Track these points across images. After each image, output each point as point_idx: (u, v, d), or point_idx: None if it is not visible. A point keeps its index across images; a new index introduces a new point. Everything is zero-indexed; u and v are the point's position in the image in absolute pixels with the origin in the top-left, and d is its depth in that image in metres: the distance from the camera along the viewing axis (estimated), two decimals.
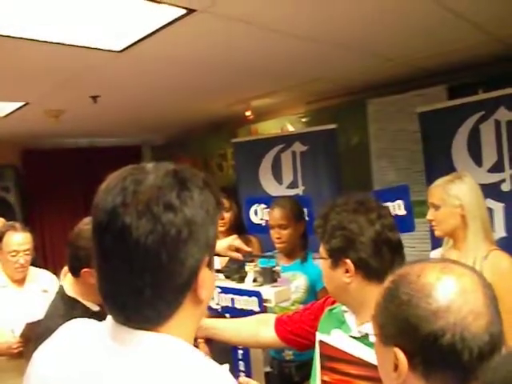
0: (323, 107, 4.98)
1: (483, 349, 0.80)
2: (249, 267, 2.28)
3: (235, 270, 2.34)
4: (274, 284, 2.17)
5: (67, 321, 0.92)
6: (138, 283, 0.78)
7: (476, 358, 0.80)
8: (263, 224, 3.55)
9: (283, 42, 2.91)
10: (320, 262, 1.52)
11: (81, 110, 4.30)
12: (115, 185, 0.81)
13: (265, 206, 3.59)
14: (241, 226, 3.50)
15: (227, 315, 2.20)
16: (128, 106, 4.44)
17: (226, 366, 0.90)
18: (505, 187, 3.42)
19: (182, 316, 0.83)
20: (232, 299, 2.24)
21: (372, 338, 1.33)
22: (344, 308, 1.54)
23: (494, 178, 3.45)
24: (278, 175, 4.72)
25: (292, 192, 4.58)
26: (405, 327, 0.84)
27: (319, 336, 1.21)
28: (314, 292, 2.80)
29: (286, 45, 2.97)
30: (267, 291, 2.11)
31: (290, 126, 5.45)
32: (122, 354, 0.80)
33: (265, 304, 2.10)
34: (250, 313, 2.11)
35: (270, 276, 2.18)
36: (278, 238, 2.90)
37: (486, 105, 3.51)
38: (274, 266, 2.25)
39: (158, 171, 0.82)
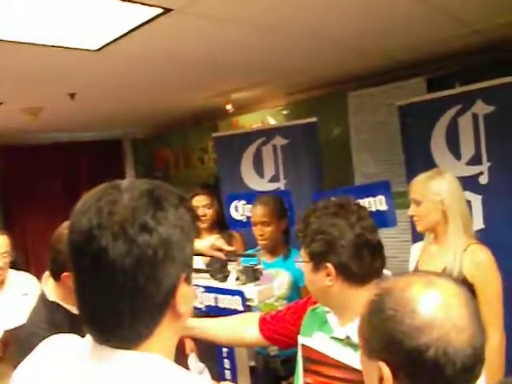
0: (303, 99, 4.99)
1: (466, 362, 0.81)
2: (231, 266, 2.29)
3: (218, 269, 2.34)
4: (257, 282, 2.18)
5: (50, 325, 0.92)
6: (115, 305, 0.79)
7: (459, 372, 0.81)
8: (244, 220, 3.56)
9: (261, 37, 2.91)
10: (302, 265, 1.53)
11: (59, 107, 4.25)
12: (90, 205, 0.81)
13: (245, 201, 3.60)
14: (223, 222, 3.52)
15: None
16: (106, 102, 4.40)
17: (208, 378, 0.91)
18: (483, 180, 3.46)
19: (162, 333, 0.84)
20: (215, 298, 2.25)
21: (353, 340, 1.36)
22: (326, 308, 1.56)
23: (472, 170, 3.49)
24: (259, 169, 4.72)
25: (274, 186, 4.59)
26: (389, 342, 0.85)
27: (301, 339, 1.23)
28: (298, 288, 2.82)
29: (264, 39, 2.96)
30: (250, 290, 2.12)
31: (270, 118, 5.45)
32: (100, 373, 0.80)
33: (248, 303, 2.11)
34: (234, 312, 2.11)
35: (253, 274, 2.19)
36: (261, 235, 2.92)
37: (463, 98, 3.54)
38: (256, 265, 2.26)
39: (134, 191, 0.82)
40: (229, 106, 4.82)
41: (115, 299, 0.78)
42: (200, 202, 3.36)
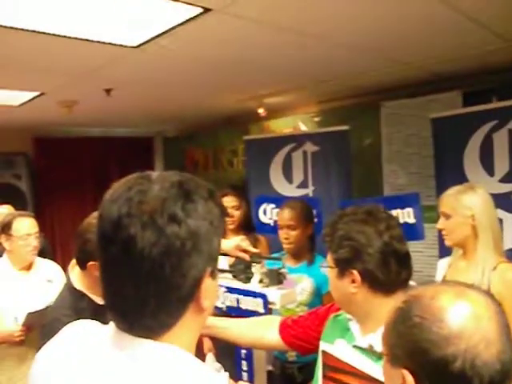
0: (336, 107, 4.96)
1: (494, 377, 0.79)
2: (255, 268, 2.28)
3: (242, 270, 2.34)
4: (280, 286, 2.17)
5: (74, 312, 0.93)
6: (140, 294, 0.79)
7: None
8: (272, 224, 3.55)
9: (297, 42, 2.90)
10: (327, 271, 1.52)
11: (94, 102, 4.32)
12: (120, 194, 0.81)
13: (274, 205, 3.59)
14: (250, 225, 3.51)
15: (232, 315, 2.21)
16: (141, 99, 4.46)
17: (226, 375, 0.91)
18: None
19: (184, 325, 0.84)
20: (237, 299, 2.24)
21: (376, 349, 1.34)
22: (349, 316, 1.54)
23: (505, 188, 3.42)
24: (288, 174, 4.71)
25: (302, 192, 4.58)
26: (415, 350, 0.83)
27: (323, 346, 1.21)
28: (320, 295, 2.80)
29: (300, 44, 2.96)
30: (273, 293, 2.11)
31: (302, 124, 5.44)
32: (121, 361, 0.81)
33: (270, 306, 2.10)
34: (255, 314, 2.11)
35: (276, 278, 2.18)
36: (286, 239, 2.91)
37: (499, 113, 3.48)
38: (281, 268, 2.25)
39: (164, 182, 0.82)
40: (261, 110, 4.83)
41: (140, 288, 0.79)
42: (229, 202, 3.37)
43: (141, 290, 0.79)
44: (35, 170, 6.13)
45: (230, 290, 2.29)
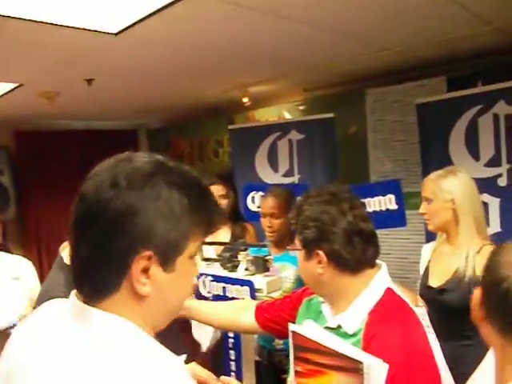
0: (321, 95, 4.94)
1: None
2: (241, 256, 2.27)
3: (228, 258, 2.33)
4: (266, 273, 2.16)
5: (69, 288, 0.96)
6: (83, 251, 0.83)
7: None
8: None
9: (281, 27, 2.86)
10: (297, 254, 1.53)
11: (76, 93, 4.24)
12: (98, 173, 0.86)
13: (262, 193, 3.57)
14: (238, 214, 3.48)
15: None
16: (124, 90, 4.39)
17: (183, 357, 0.90)
18: (501, 182, 3.40)
19: (120, 305, 0.83)
20: (224, 288, 2.24)
21: (344, 328, 1.36)
22: (321, 299, 1.56)
23: (490, 172, 3.43)
24: (273, 163, 4.69)
25: (288, 180, 4.56)
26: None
27: (291, 327, 1.21)
28: (303, 283, 2.78)
29: (284, 30, 2.92)
30: (259, 281, 2.11)
31: (287, 113, 5.42)
32: (68, 327, 0.83)
33: (257, 294, 2.09)
34: None
35: (262, 265, 2.18)
36: (270, 227, 2.88)
37: (484, 98, 3.48)
38: (267, 255, 2.24)
39: (143, 158, 0.88)
40: (246, 99, 4.79)
41: (82, 244, 0.83)
42: (216, 191, 3.33)
43: (83, 248, 0.83)
44: (17, 164, 6.02)
45: (216, 279, 2.28)
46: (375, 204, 2.97)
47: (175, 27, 2.76)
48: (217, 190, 3.36)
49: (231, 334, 2.31)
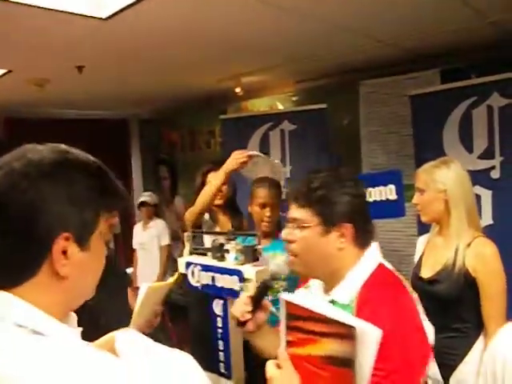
0: (314, 87, 4.91)
1: None
2: (230, 246, 2.24)
3: (217, 248, 2.30)
4: (255, 263, 2.14)
5: None
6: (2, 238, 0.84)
7: None
8: None
9: (274, 17, 2.84)
10: (298, 233, 1.46)
11: (66, 81, 4.19)
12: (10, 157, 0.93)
13: None
14: (234, 205, 3.42)
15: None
16: (114, 78, 4.34)
17: (78, 330, 0.94)
18: (494, 174, 3.39)
19: (40, 287, 0.85)
20: (213, 277, 2.21)
21: (339, 301, 1.37)
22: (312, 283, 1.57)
23: (483, 164, 3.42)
24: (265, 154, 4.64)
25: None
26: None
27: (284, 295, 1.17)
28: (294, 280, 2.73)
29: (277, 20, 2.90)
30: (248, 270, 2.09)
31: (279, 104, 5.39)
32: None
33: (246, 283, 2.06)
34: (231, 291, 2.10)
35: (252, 254, 2.15)
36: (269, 217, 2.80)
37: (479, 90, 3.46)
38: (256, 245, 2.21)
39: (55, 147, 0.96)
40: (238, 89, 4.75)
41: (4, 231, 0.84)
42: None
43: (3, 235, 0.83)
44: (6, 152, 5.94)
45: (205, 268, 2.25)
46: (375, 194, 2.94)
47: (166, 15, 2.72)
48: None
49: (220, 325, 2.28)
